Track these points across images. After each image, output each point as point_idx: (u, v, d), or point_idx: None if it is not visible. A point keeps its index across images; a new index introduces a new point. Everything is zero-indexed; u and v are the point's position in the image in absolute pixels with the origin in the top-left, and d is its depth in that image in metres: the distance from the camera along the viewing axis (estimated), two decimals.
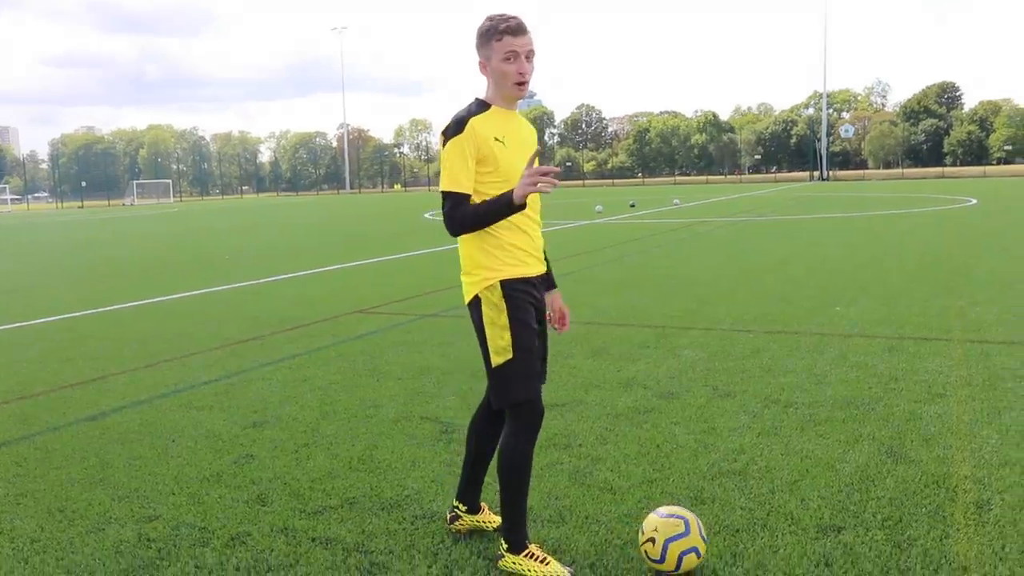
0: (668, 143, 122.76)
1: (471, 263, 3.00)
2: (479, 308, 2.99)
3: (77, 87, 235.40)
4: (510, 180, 2.88)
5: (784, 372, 5.71)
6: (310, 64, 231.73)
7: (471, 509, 3.35)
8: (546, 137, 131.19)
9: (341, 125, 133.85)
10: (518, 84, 2.91)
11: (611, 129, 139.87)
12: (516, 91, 2.93)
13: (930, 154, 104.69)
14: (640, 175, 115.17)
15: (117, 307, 10.07)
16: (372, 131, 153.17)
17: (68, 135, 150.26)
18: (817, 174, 79.74)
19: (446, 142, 2.90)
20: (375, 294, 10.28)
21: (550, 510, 3.55)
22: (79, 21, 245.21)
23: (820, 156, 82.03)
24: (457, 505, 3.37)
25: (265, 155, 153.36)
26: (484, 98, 2.99)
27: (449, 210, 2.88)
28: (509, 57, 2.86)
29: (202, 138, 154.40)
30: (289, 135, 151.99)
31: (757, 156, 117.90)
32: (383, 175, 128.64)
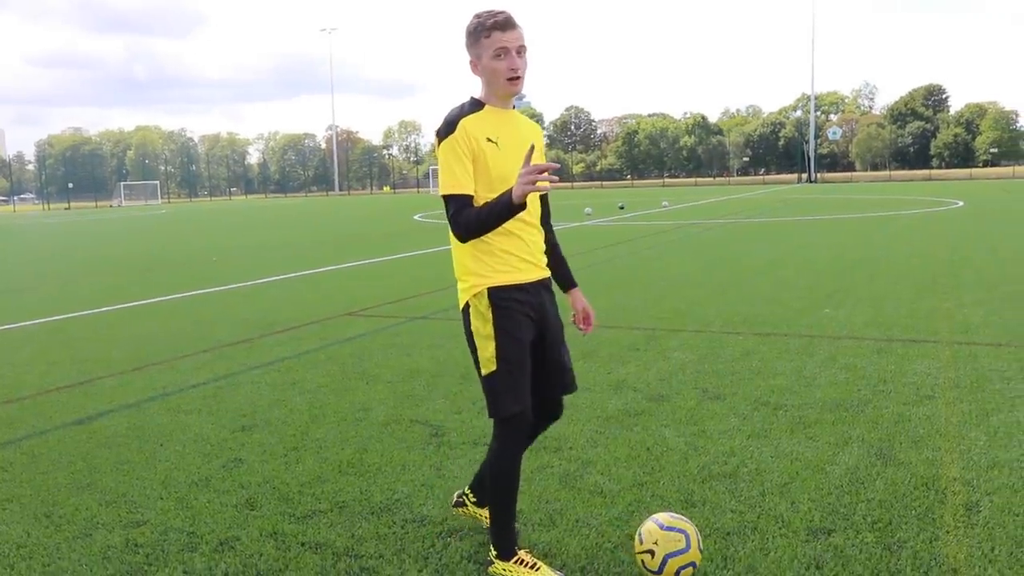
0: (657, 145, 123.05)
1: (462, 269, 2.93)
2: (468, 316, 2.93)
3: (64, 88, 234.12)
4: (506, 182, 2.77)
5: (774, 374, 5.72)
6: (299, 65, 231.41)
7: (480, 502, 3.33)
8: None
9: (330, 127, 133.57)
10: (510, 80, 2.81)
11: (600, 131, 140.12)
12: (509, 87, 2.83)
13: (917, 156, 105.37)
14: (629, 177, 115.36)
15: (105, 309, 10.01)
16: (361, 133, 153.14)
17: (55, 136, 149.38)
18: (805, 176, 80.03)
19: (440, 144, 2.83)
20: (364, 296, 10.25)
21: (540, 514, 3.54)
22: (66, 21, 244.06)
23: (808, 158, 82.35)
24: (467, 493, 3.34)
25: (254, 157, 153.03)
26: (478, 97, 2.90)
27: (454, 214, 2.78)
28: (499, 53, 2.77)
29: (190, 139, 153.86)
30: (278, 136, 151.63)
31: (745, 158, 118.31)
32: (372, 177, 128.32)
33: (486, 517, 3.28)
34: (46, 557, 3.33)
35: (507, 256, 2.88)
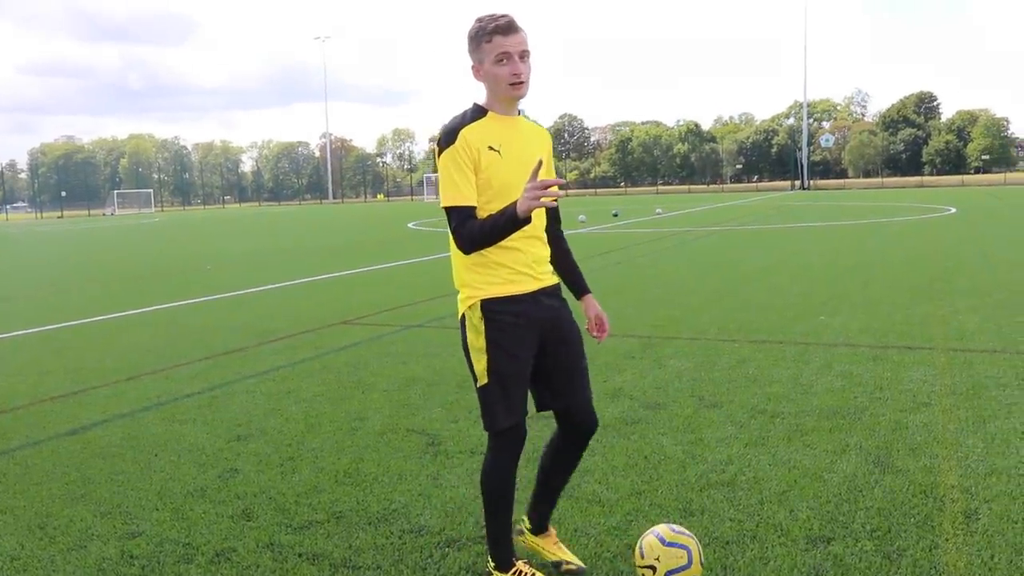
0: (650, 153, 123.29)
1: (458, 280, 2.87)
2: (464, 327, 2.87)
3: (57, 96, 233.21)
4: (509, 191, 2.70)
5: (770, 382, 5.72)
6: (293, 73, 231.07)
7: (536, 529, 3.17)
8: None
9: (324, 134, 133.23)
10: (513, 86, 2.71)
11: (593, 139, 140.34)
12: (512, 92, 2.73)
13: (909, 163, 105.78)
14: (623, 184, 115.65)
15: (98, 318, 9.97)
16: (355, 140, 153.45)
17: (48, 144, 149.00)
18: (798, 183, 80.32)
19: (440, 154, 2.76)
20: (359, 305, 10.23)
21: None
22: (59, 29, 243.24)
23: (801, 165, 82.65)
24: (524, 519, 3.20)
25: (247, 165, 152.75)
26: (482, 103, 2.81)
27: (456, 227, 2.71)
28: (501, 58, 2.68)
29: (184, 147, 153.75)
30: (271, 144, 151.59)
31: (739, 165, 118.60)
32: (366, 184, 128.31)
33: (545, 550, 3.13)
34: (40, 570, 3.30)
35: (500, 268, 2.79)
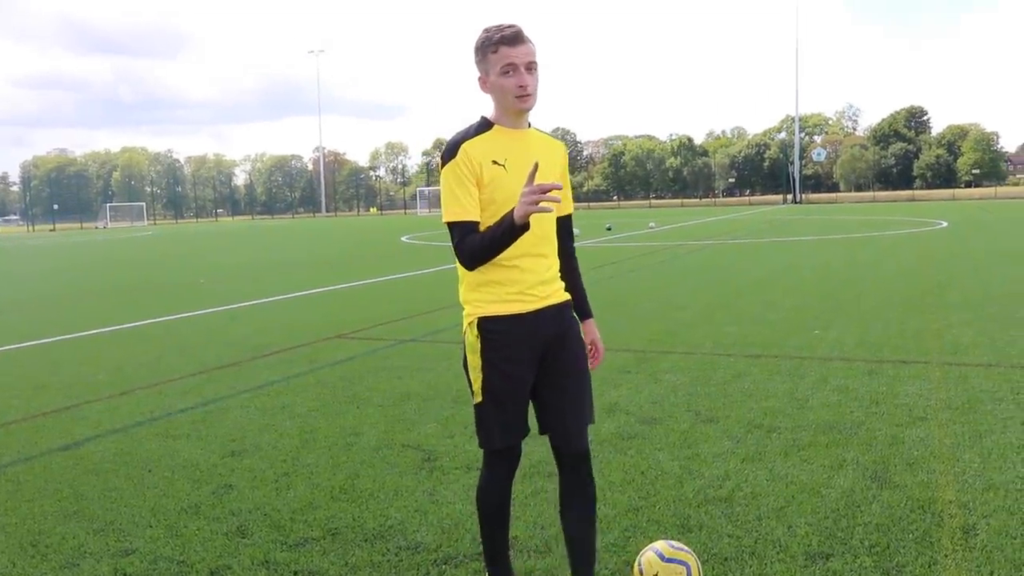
0: (643, 166, 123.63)
1: (461, 297, 2.82)
2: (464, 344, 2.82)
3: (50, 109, 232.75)
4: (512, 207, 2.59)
5: (766, 396, 5.71)
6: (286, 87, 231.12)
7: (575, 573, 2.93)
8: None
9: (317, 148, 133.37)
10: (519, 98, 2.66)
11: (586, 153, 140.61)
12: (518, 105, 2.67)
13: (900, 177, 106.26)
14: (615, 198, 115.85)
15: (92, 332, 9.92)
16: (348, 154, 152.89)
17: (40, 157, 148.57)
18: (790, 197, 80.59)
19: (442, 169, 2.71)
20: (353, 319, 10.20)
21: (536, 540, 3.51)
22: (52, 42, 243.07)
23: (793, 179, 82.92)
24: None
25: (240, 178, 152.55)
26: (489, 117, 2.76)
27: (458, 242, 2.65)
28: (507, 70, 2.63)
29: (176, 161, 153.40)
30: (264, 158, 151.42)
31: (731, 179, 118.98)
32: (359, 198, 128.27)
33: None
34: None
35: (498, 287, 2.72)
